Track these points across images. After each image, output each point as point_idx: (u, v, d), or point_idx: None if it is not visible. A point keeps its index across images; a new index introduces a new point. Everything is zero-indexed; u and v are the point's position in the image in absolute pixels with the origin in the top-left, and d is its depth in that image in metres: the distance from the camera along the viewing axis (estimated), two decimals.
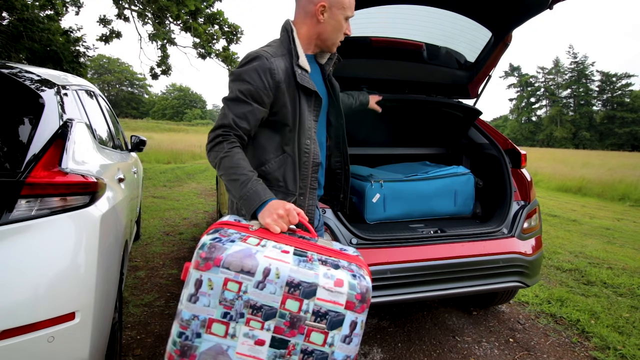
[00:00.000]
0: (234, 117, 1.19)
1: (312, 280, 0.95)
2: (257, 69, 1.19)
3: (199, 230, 4.76)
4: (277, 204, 1.11)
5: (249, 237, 1.03)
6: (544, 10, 2.04)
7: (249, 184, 1.14)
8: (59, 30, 7.28)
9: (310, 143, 1.28)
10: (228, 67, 9.10)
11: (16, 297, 1.10)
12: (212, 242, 0.97)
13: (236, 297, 0.94)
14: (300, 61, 1.25)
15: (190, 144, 19.12)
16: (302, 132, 1.26)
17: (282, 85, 1.21)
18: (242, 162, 1.17)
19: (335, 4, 1.28)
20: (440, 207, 2.46)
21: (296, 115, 1.25)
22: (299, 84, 1.23)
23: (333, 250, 1.10)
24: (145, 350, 2.13)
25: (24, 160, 1.23)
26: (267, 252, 0.97)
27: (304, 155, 1.27)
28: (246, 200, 1.14)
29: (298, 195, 1.29)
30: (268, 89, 1.20)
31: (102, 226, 1.38)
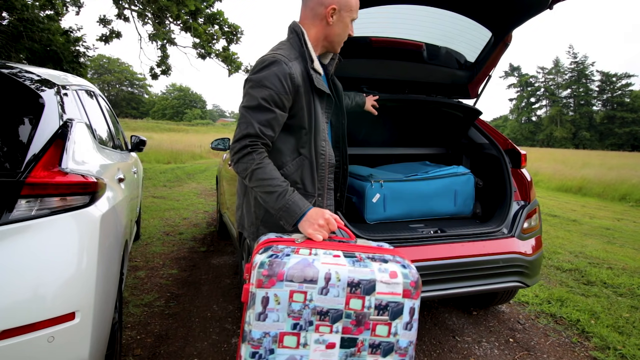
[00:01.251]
0: (259, 125, 1.18)
1: (370, 276, 1.00)
2: (278, 73, 1.19)
3: (199, 230, 4.77)
4: (316, 215, 1.14)
5: (300, 248, 1.07)
6: (544, 10, 2.04)
7: (286, 195, 1.16)
8: (59, 30, 7.28)
9: (326, 145, 1.31)
10: (228, 67, 9.10)
11: (16, 297, 1.10)
12: (270, 259, 1.01)
13: (303, 306, 0.99)
14: (315, 64, 1.27)
15: (190, 144, 19.13)
16: (318, 133, 1.28)
17: (301, 89, 1.23)
18: (275, 173, 1.18)
19: (344, 7, 1.30)
20: (440, 207, 2.46)
21: (312, 117, 1.27)
22: (315, 87, 1.25)
23: (374, 247, 1.15)
24: (145, 350, 2.13)
25: (24, 160, 1.23)
26: (322, 259, 1.02)
27: (321, 156, 1.29)
28: (286, 211, 1.16)
29: (317, 197, 1.31)
30: (289, 93, 1.21)
31: (102, 226, 1.38)
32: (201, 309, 2.66)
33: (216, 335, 2.32)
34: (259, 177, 1.16)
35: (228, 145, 4.05)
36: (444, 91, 2.78)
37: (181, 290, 2.96)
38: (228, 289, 3.01)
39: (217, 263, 3.61)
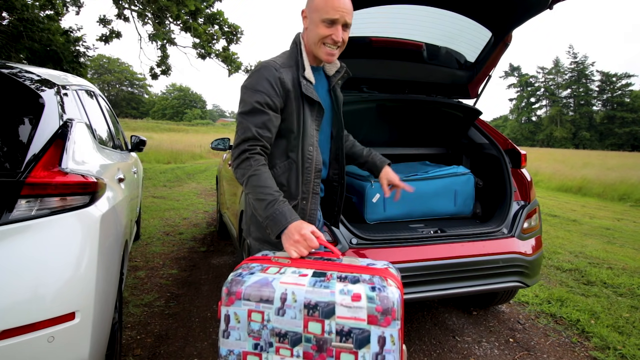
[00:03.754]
0: (256, 128, 1.22)
1: (328, 298, 0.93)
2: (268, 77, 1.24)
3: (199, 230, 4.77)
4: (293, 229, 1.12)
5: (270, 267, 1.04)
6: (544, 10, 2.04)
7: (275, 204, 1.15)
8: (59, 30, 7.28)
9: (313, 150, 1.32)
10: (228, 67, 9.11)
11: (16, 297, 1.10)
12: (233, 277, 1.00)
13: (261, 327, 0.96)
14: (305, 73, 1.30)
15: (190, 144, 19.13)
16: (306, 139, 1.30)
17: (291, 94, 1.27)
18: (269, 182, 1.19)
19: (311, 8, 1.28)
20: (440, 207, 2.46)
21: (300, 123, 1.29)
22: (303, 93, 1.28)
23: (357, 266, 1.05)
24: (145, 350, 2.13)
25: (24, 160, 1.23)
26: (283, 278, 0.98)
27: (307, 161, 1.31)
28: (271, 220, 1.15)
29: (301, 200, 1.32)
30: (280, 96, 1.25)
31: (102, 226, 1.38)
32: (201, 309, 2.66)
33: (216, 335, 2.32)
34: (253, 184, 1.18)
35: (228, 145, 4.05)
36: (444, 91, 2.78)
37: (181, 290, 2.96)
38: None
39: (217, 263, 3.61)
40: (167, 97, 70.95)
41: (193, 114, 66.81)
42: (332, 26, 1.26)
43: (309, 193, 1.34)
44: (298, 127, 1.30)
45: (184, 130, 40.19)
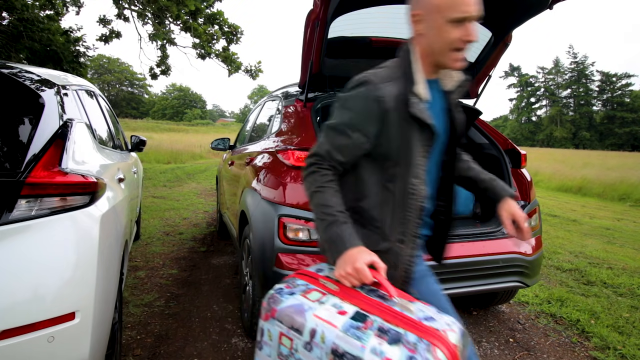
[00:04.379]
0: (330, 148, 1.07)
1: (357, 353, 0.81)
2: (363, 96, 1.05)
3: (199, 230, 4.77)
4: (350, 258, 0.97)
5: (314, 290, 0.96)
6: (544, 10, 2.04)
7: (334, 226, 1.01)
8: (59, 30, 7.28)
9: (419, 184, 1.08)
10: (228, 68, 9.11)
11: (16, 297, 1.10)
12: (273, 292, 0.97)
13: (289, 353, 0.90)
14: (416, 88, 1.05)
15: (190, 144, 19.13)
16: (409, 169, 1.06)
17: (391, 114, 1.03)
18: (333, 200, 1.04)
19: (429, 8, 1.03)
20: None
21: (404, 149, 1.06)
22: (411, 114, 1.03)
23: (408, 318, 0.88)
24: (145, 350, 2.13)
25: (24, 160, 1.23)
26: (319, 311, 0.89)
27: (409, 196, 1.07)
28: (331, 244, 1.02)
29: (396, 242, 1.09)
30: (373, 118, 1.04)
31: (102, 226, 1.38)
32: (201, 309, 2.66)
33: (216, 335, 2.32)
34: (316, 202, 1.05)
35: (228, 145, 4.05)
36: None
37: (181, 290, 2.96)
38: (228, 289, 3.01)
39: (217, 263, 3.61)
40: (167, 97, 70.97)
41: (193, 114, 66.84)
42: (462, 25, 1.02)
43: (407, 235, 1.09)
44: (400, 154, 1.06)
45: (184, 130, 40.20)
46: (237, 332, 2.36)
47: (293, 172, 1.98)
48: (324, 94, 2.33)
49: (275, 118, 2.65)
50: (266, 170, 2.25)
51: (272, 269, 1.87)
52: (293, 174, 1.98)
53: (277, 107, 2.71)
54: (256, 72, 9.35)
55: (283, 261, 1.85)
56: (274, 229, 1.89)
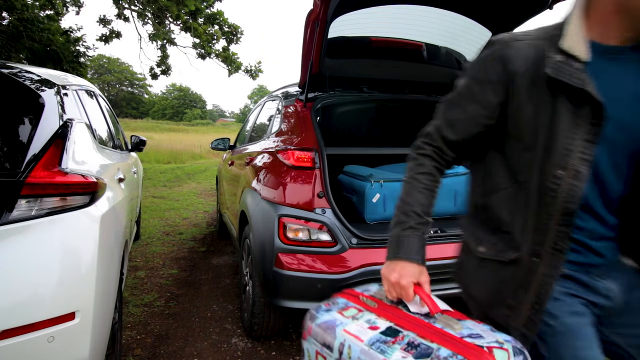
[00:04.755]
0: (441, 123, 0.91)
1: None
2: (487, 57, 0.85)
3: (199, 230, 4.77)
4: (396, 268, 0.87)
5: (352, 307, 0.92)
6: (544, 10, 2.04)
7: (398, 227, 0.90)
8: (59, 30, 7.28)
9: (566, 175, 0.76)
10: (228, 68, 9.11)
11: (16, 297, 1.10)
12: (312, 310, 0.94)
13: None
14: (565, 43, 0.77)
15: (190, 144, 19.14)
16: (552, 155, 0.77)
17: (520, 78, 0.80)
18: (414, 197, 0.90)
19: None
20: (440, 207, 2.46)
21: (540, 126, 0.79)
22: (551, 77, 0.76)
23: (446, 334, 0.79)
24: (145, 350, 2.13)
25: (24, 160, 1.23)
26: (349, 326, 0.85)
27: (549, 192, 0.77)
28: (389, 244, 0.92)
29: (529, 254, 0.81)
30: (495, 82, 0.82)
31: (102, 226, 1.38)
32: (201, 309, 2.66)
33: (216, 335, 2.32)
34: (401, 193, 0.92)
35: (228, 145, 4.05)
36: (444, 91, 2.78)
37: (181, 290, 2.96)
38: (228, 289, 3.01)
39: (217, 263, 3.61)
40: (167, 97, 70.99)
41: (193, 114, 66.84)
42: None
43: (544, 246, 0.79)
44: (535, 133, 0.79)
45: (184, 130, 40.21)
46: (237, 332, 2.36)
47: (293, 172, 1.99)
48: (324, 94, 2.33)
49: (275, 118, 2.65)
50: (266, 170, 2.25)
51: (272, 269, 1.87)
52: (293, 174, 1.98)
53: (277, 107, 2.71)
54: (256, 72, 9.35)
55: (283, 261, 1.85)
56: (274, 229, 1.89)
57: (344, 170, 2.73)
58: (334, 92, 2.41)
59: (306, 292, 1.84)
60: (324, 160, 1.97)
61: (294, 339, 2.30)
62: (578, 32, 0.77)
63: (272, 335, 2.24)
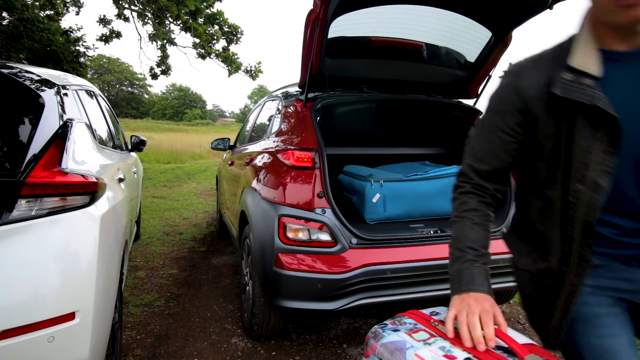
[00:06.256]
0: (471, 160, 0.95)
1: None
2: (502, 90, 0.91)
3: (199, 230, 4.77)
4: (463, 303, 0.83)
5: (420, 330, 0.88)
6: (544, 10, 2.04)
7: (457, 263, 0.90)
8: (59, 30, 7.28)
9: (585, 189, 0.79)
10: (228, 68, 9.11)
11: (16, 297, 1.10)
12: (377, 328, 0.91)
13: None
14: (573, 61, 0.79)
15: (190, 144, 19.14)
16: (571, 170, 0.80)
17: (536, 103, 0.83)
18: (464, 233, 0.91)
19: None
20: (440, 207, 2.46)
21: (558, 144, 0.82)
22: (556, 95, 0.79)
23: None
24: (145, 350, 2.13)
25: (24, 160, 1.23)
26: (422, 351, 0.80)
27: (570, 206, 0.81)
28: (451, 281, 0.91)
29: (559, 264, 0.85)
30: (513, 112, 0.87)
31: (102, 226, 1.38)
32: (201, 309, 2.66)
33: (216, 335, 2.32)
34: (452, 233, 0.95)
35: (228, 145, 4.05)
36: (444, 91, 2.79)
37: (181, 290, 2.96)
38: (228, 289, 3.01)
39: (217, 263, 3.61)
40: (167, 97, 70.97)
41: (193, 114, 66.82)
42: None
43: (571, 257, 0.83)
44: (556, 148, 0.82)
45: (184, 130, 40.20)
46: (237, 332, 2.36)
47: (293, 172, 1.99)
48: (324, 94, 2.33)
49: (275, 118, 2.65)
50: (266, 170, 2.25)
51: (272, 269, 1.87)
52: (293, 174, 1.98)
53: (277, 107, 2.71)
54: (256, 72, 9.35)
55: (283, 261, 1.85)
56: (274, 229, 1.89)
57: (344, 170, 2.73)
58: (334, 92, 2.41)
59: (306, 292, 1.84)
60: (324, 160, 1.97)
61: (294, 339, 2.30)
62: (589, 46, 0.79)
63: (272, 335, 2.24)
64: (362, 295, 1.88)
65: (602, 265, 0.85)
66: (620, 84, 0.78)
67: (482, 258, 0.89)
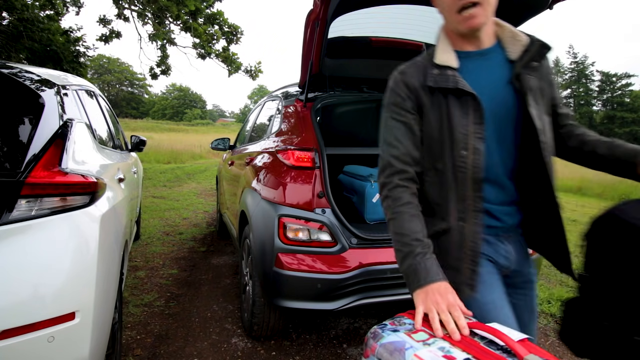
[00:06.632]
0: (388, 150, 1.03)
1: None
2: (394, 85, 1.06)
3: (199, 230, 4.77)
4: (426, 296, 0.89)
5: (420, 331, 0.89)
6: (544, 10, 2.04)
7: (409, 259, 0.94)
8: (59, 30, 7.28)
9: (468, 153, 0.99)
10: (228, 68, 9.11)
11: (16, 297, 1.10)
12: (376, 328, 0.91)
13: None
14: (436, 58, 1.03)
15: (190, 144, 19.14)
16: (455, 141, 1.00)
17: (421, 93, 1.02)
18: (407, 227, 0.96)
19: None
20: None
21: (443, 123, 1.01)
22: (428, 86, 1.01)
23: None
24: (145, 350, 2.13)
25: (24, 160, 1.23)
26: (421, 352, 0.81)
27: (460, 170, 1.00)
28: (407, 277, 0.95)
29: (457, 221, 1.01)
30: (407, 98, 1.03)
31: (102, 226, 1.38)
32: (201, 309, 2.66)
33: (216, 335, 2.32)
34: (391, 230, 0.99)
35: (228, 145, 4.05)
36: None
37: (181, 290, 2.96)
38: (228, 289, 3.01)
39: (217, 263, 3.61)
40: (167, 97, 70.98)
41: (193, 114, 66.82)
42: None
43: (467, 212, 1.00)
44: (441, 128, 1.01)
45: (184, 130, 40.22)
46: (237, 332, 2.36)
47: (293, 172, 1.98)
48: (324, 94, 2.33)
49: (275, 118, 2.65)
50: (266, 170, 2.25)
51: (272, 269, 1.87)
52: (293, 174, 1.98)
53: (277, 107, 2.71)
54: (256, 72, 9.35)
55: (283, 261, 1.85)
56: (274, 229, 1.89)
57: (344, 170, 2.73)
58: (334, 92, 2.41)
59: (306, 292, 1.84)
60: (324, 160, 1.97)
61: (294, 339, 2.30)
62: (447, 49, 1.04)
63: (272, 335, 2.24)
64: (362, 295, 1.88)
65: None
66: (471, 74, 1.01)
67: (429, 248, 0.96)
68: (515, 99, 1.03)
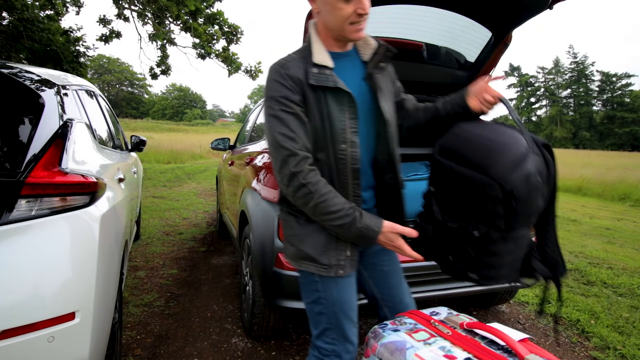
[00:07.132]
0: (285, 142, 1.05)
1: None
2: (276, 79, 1.08)
3: (199, 230, 4.77)
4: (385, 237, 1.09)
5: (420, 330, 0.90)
6: (544, 10, 2.04)
7: (356, 223, 1.05)
8: (59, 30, 7.28)
9: (347, 147, 1.11)
10: (228, 68, 9.10)
11: (16, 297, 1.10)
12: (377, 327, 0.92)
13: None
14: (314, 58, 1.09)
15: (190, 144, 19.13)
16: (335, 135, 1.10)
17: (303, 85, 1.08)
18: (337, 201, 1.05)
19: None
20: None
21: (323, 117, 1.09)
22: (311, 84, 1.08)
23: None
24: (145, 350, 2.13)
25: (24, 160, 1.23)
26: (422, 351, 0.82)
27: (340, 162, 1.11)
28: (362, 238, 1.07)
29: None
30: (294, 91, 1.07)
31: (102, 226, 1.38)
32: (201, 309, 2.66)
33: (216, 335, 2.32)
34: (322, 212, 1.06)
35: (228, 145, 4.05)
36: (444, 91, 2.78)
37: (181, 290, 2.96)
38: (228, 289, 3.01)
39: (217, 263, 3.61)
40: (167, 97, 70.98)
41: (193, 114, 66.83)
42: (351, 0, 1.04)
43: (349, 197, 1.12)
44: (322, 122, 1.10)
45: (184, 130, 40.21)
46: (237, 332, 2.36)
47: None
48: None
49: None
50: (266, 170, 2.24)
51: (272, 269, 1.87)
52: None
53: None
54: (256, 73, 9.35)
55: (283, 261, 1.85)
56: (274, 228, 1.89)
57: None
58: None
59: None
60: None
61: (294, 339, 2.30)
62: (322, 49, 1.12)
63: (272, 335, 2.24)
64: (362, 295, 1.88)
65: None
66: (342, 72, 1.12)
67: (357, 207, 1.08)
68: (370, 95, 1.18)
